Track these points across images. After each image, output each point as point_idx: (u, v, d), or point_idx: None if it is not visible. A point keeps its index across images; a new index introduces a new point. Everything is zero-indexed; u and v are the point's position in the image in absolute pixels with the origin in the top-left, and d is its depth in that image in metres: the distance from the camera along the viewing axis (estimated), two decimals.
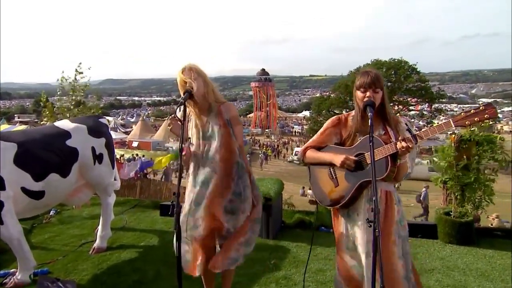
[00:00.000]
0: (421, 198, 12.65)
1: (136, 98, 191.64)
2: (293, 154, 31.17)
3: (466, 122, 1.89)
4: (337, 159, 2.13)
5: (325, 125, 2.32)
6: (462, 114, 1.92)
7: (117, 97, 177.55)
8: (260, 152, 32.18)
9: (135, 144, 33.59)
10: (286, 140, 43.51)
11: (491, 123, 4.03)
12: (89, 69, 7.43)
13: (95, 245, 3.85)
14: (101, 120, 4.04)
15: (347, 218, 2.21)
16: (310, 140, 2.37)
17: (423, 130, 2.03)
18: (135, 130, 39.08)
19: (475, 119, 1.88)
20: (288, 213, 5.02)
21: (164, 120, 42.73)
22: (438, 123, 2.10)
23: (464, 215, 3.94)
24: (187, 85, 2.28)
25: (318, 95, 51.75)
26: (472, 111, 1.89)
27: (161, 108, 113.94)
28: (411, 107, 30.30)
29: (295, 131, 53.73)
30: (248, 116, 58.18)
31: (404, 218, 2.19)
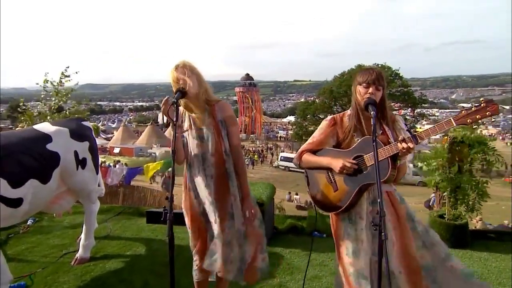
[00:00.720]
0: (430, 204, 12.85)
1: (117, 104, 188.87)
2: (279, 159, 31.17)
3: (468, 120, 1.83)
4: (336, 163, 2.06)
5: (321, 127, 2.24)
6: (463, 112, 1.86)
7: (98, 103, 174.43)
8: (246, 158, 32.07)
9: (116, 150, 32.96)
10: (271, 146, 43.52)
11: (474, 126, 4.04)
12: (76, 73, 7.11)
13: (78, 255, 3.63)
14: (84, 123, 3.84)
15: (349, 223, 2.13)
16: (306, 143, 2.28)
17: (423, 130, 1.97)
18: (116, 136, 38.36)
19: (477, 116, 1.82)
20: (279, 219, 4.92)
21: (147, 125, 42.08)
22: (420, 128, 2.05)
23: (457, 217, 3.92)
24: (180, 83, 2.16)
25: (302, 100, 52.24)
26: (473, 108, 1.83)
27: (143, 113, 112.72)
28: (394, 112, 30.91)
29: (280, 136, 53.88)
30: None
31: (414, 213, 2.14)
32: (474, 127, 4.13)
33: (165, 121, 2.16)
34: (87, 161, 3.55)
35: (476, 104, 1.85)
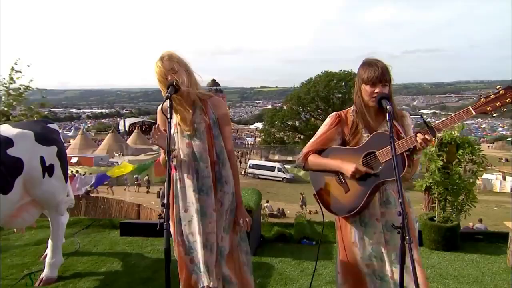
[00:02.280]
0: None
1: (74, 110, 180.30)
2: (247, 166, 30.93)
3: (488, 108, 1.74)
4: (346, 167, 1.92)
5: (325, 125, 2.08)
6: (482, 100, 1.77)
7: (52, 109, 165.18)
8: None
9: (74, 160, 31.05)
10: (240, 153, 43.21)
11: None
12: (28, 66, 6.29)
13: (43, 275, 3.20)
14: (50, 125, 3.42)
15: (361, 226, 1.99)
16: (310, 143, 2.11)
17: (440, 120, 1.85)
18: (74, 145, 36.22)
19: (497, 104, 1.73)
20: (265, 227, 4.69)
21: (107, 133, 40.19)
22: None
23: (447, 220, 3.91)
24: (169, 79, 1.92)
25: (269, 106, 52.60)
26: (492, 96, 1.74)
27: (103, 120, 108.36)
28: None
29: (248, 143, 53.66)
30: None
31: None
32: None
33: (127, 128, 1.89)
34: (54, 168, 3.15)
35: (495, 91, 1.77)
